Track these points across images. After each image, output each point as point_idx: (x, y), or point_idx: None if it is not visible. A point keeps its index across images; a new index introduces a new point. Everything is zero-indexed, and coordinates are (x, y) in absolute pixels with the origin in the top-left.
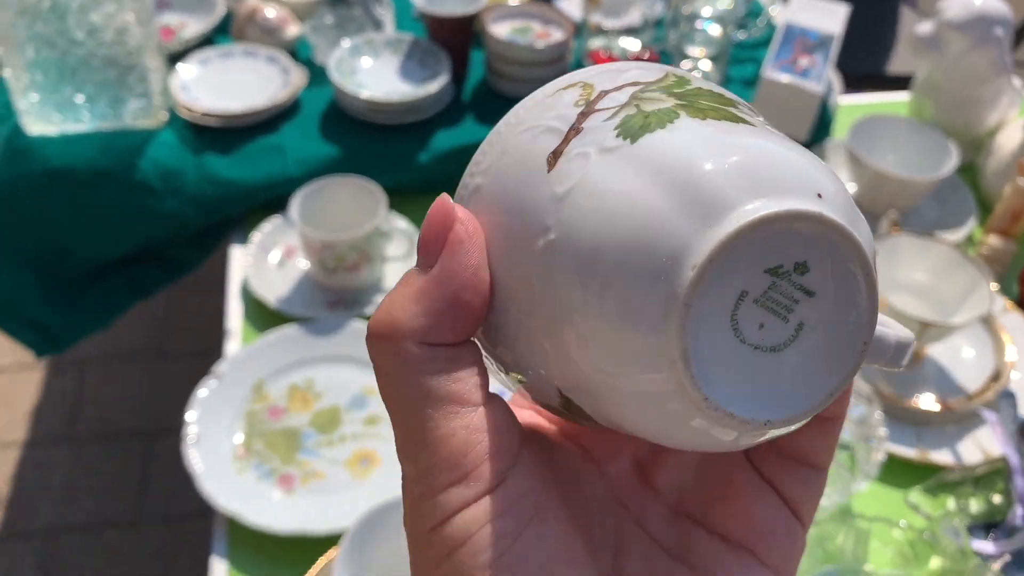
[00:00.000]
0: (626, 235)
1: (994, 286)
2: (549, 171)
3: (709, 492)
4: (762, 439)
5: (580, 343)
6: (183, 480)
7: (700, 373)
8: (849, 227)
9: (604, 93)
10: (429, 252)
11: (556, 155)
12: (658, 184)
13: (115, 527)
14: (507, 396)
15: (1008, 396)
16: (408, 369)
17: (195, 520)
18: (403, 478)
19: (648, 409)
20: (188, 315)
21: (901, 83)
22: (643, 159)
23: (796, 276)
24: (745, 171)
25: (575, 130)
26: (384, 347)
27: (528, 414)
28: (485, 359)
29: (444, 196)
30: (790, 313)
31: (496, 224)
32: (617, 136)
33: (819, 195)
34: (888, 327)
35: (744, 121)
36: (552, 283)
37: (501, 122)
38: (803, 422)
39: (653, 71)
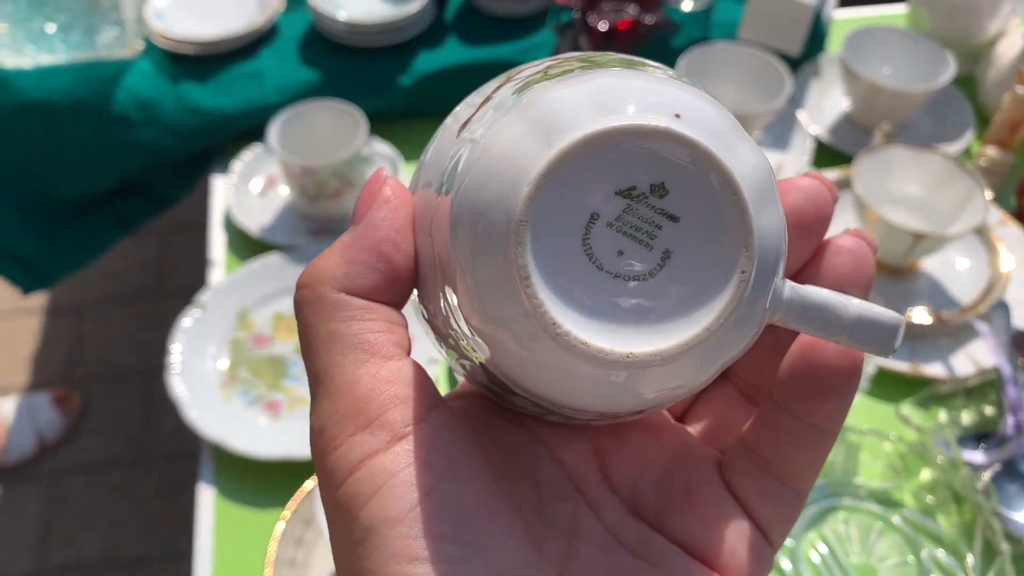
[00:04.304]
0: (491, 173)
1: (989, 195)
2: (456, 137)
3: (669, 499)
4: (660, 393)
5: (467, 292)
6: None
7: (546, 296)
8: (708, 144)
9: (523, 69)
10: (359, 212)
11: (466, 123)
12: (524, 121)
13: (119, 466)
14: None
15: (1001, 307)
16: (322, 314)
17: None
18: (310, 438)
19: (525, 354)
20: (183, 254)
21: None
22: (521, 107)
23: (654, 199)
24: (597, 96)
25: (487, 99)
26: (303, 294)
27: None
28: (436, 345)
29: (380, 169)
30: (653, 240)
31: (421, 198)
32: (512, 95)
33: (677, 115)
34: (875, 310)
35: (639, 69)
36: (444, 237)
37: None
38: (681, 366)
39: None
